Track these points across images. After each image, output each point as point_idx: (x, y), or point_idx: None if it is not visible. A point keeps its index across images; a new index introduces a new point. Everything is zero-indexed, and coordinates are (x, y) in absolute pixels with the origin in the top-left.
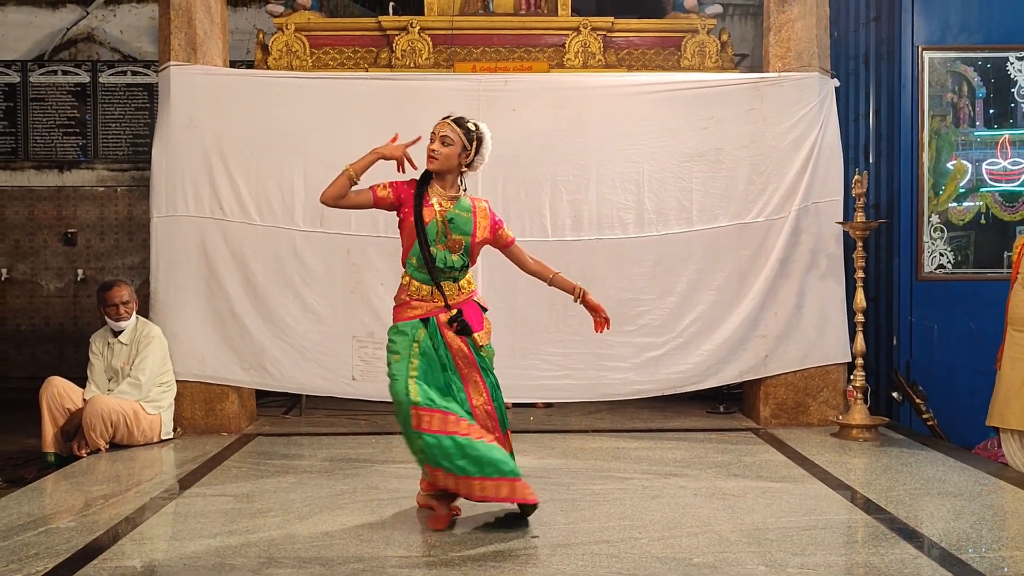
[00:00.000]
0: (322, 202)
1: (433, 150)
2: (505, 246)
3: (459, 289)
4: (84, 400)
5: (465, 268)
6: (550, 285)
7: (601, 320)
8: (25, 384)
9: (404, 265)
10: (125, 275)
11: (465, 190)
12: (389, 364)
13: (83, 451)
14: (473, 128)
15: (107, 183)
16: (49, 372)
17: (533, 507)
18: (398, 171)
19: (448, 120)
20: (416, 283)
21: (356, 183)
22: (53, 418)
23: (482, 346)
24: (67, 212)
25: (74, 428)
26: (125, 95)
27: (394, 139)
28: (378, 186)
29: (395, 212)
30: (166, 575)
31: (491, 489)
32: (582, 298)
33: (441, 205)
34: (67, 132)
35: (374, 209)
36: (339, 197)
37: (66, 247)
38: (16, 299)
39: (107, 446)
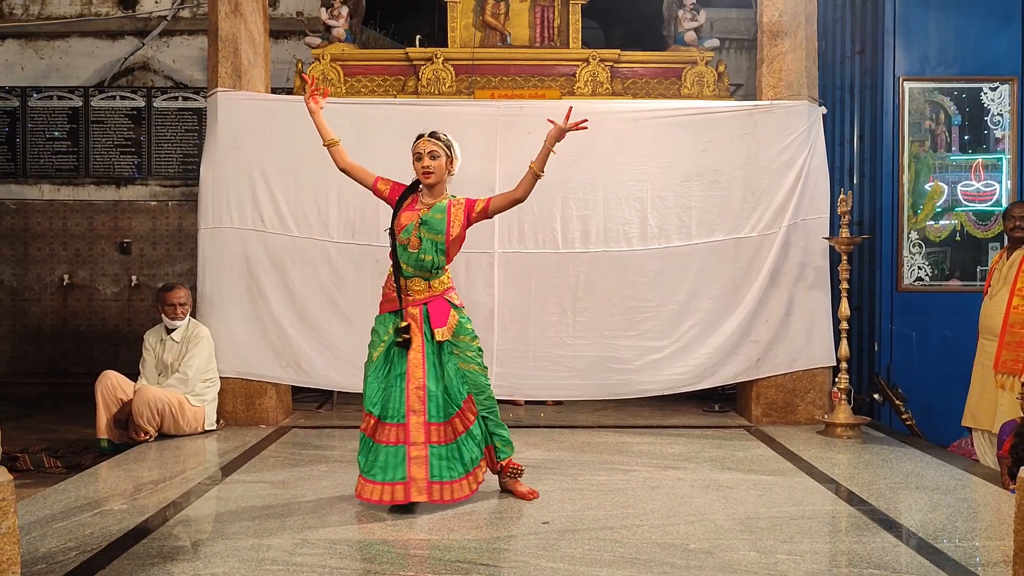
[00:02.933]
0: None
1: (426, 166)
2: (491, 212)
3: (429, 287)
4: (135, 391)
5: (438, 268)
6: (538, 175)
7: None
8: (84, 379)
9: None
10: (175, 281)
11: (453, 195)
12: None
13: (140, 436)
14: (445, 137)
15: (159, 198)
16: (105, 368)
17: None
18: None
19: (427, 137)
20: (393, 276)
21: (329, 144)
22: (107, 408)
23: (439, 341)
24: (123, 224)
25: (126, 417)
26: (176, 118)
27: None
28: (382, 179)
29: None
30: (209, 554)
31: (372, 491)
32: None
33: (421, 210)
34: (124, 151)
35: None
36: (342, 166)
37: (122, 255)
38: (76, 302)
39: (155, 432)
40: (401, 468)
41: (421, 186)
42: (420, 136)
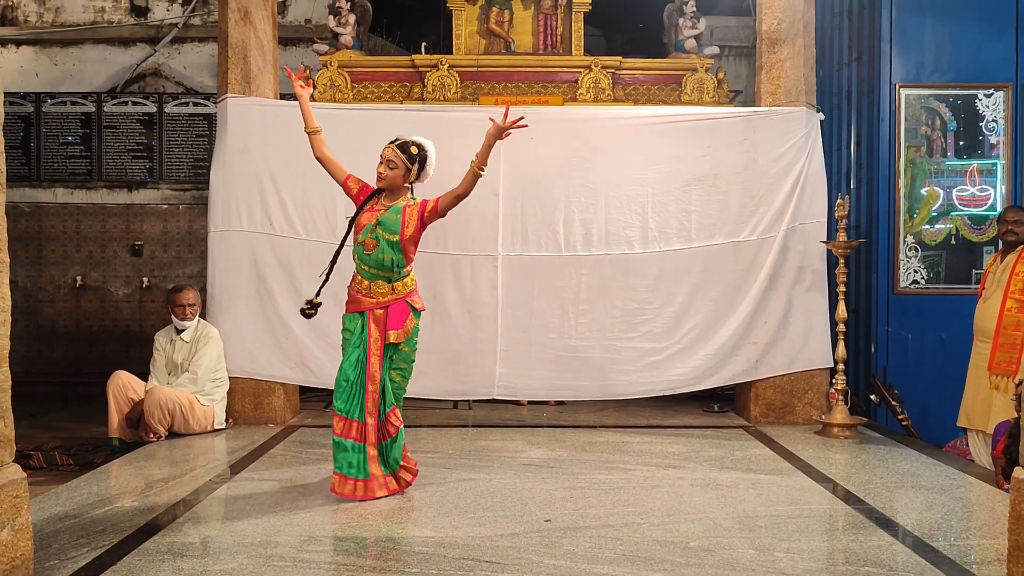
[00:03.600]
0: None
1: (380, 173)
2: (441, 210)
3: (392, 289)
4: (146, 391)
5: (397, 267)
6: (479, 172)
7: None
8: (96, 379)
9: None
10: (185, 283)
11: (413, 198)
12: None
13: (150, 436)
14: (416, 151)
15: (170, 201)
16: (116, 368)
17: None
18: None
19: (393, 145)
20: (358, 278)
21: (311, 131)
22: (119, 407)
23: (394, 343)
24: (135, 227)
25: (137, 416)
26: (187, 123)
27: None
28: (353, 177)
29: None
30: (218, 550)
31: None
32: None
33: (380, 211)
34: (136, 156)
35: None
36: (318, 155)
37: (133, 258)
38: (89, 303)
39: (166, 432)
40: (365, 466)
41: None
42: (392, 141)
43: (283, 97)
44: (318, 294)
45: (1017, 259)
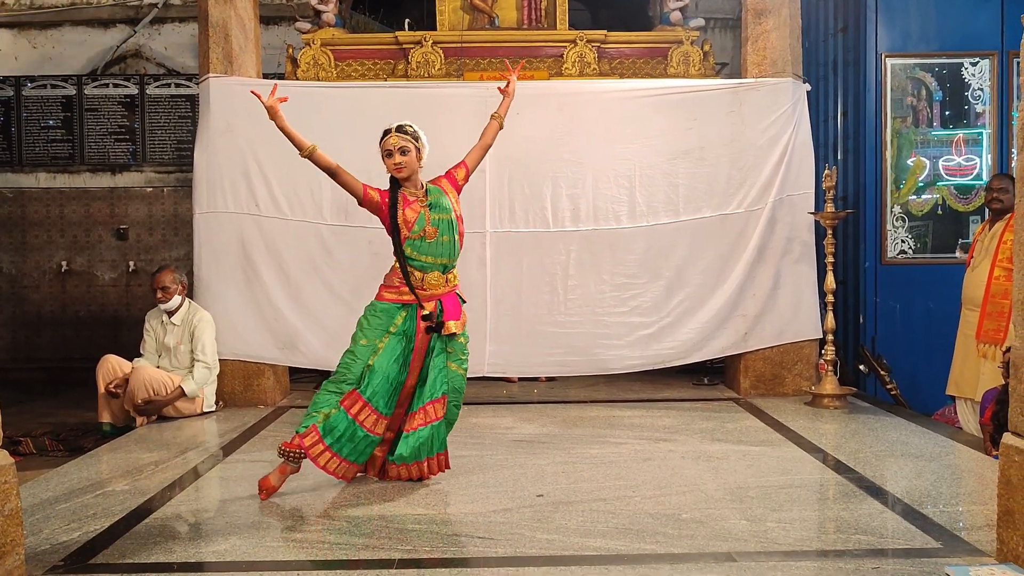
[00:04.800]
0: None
1: (398, 163)
2: (472, 168)
3: (446, 281)
4: (132, 371)
5: (454, 252)
6: (502, 124)
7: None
8: (83, 364)
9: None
10: (165, 264)
11: (424, 181)
12: (355, 340)
13: (139, 416)
14: (412, 128)
15: (154, 184)
16: (104, 353)
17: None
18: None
19: (395, 133)
20: (409, 270)
21: (308, 153)
22: (108, 391)
23: (453, 334)
24: (119, 210)
25: (119, 390)
26: (170, 105)
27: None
28: (370, 188)
29: (376, 214)
30: (210, 532)
31: (329, 463)
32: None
33: (420, 200)
34: (118, 139)
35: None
36: (325, 167)
37: (119, 241)
38: (75, 288)
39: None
40: (367, 454)
41: (401, 185)
42: (387, 132)
43: (266, 76)
44: (426, 307)
45: (1005, 227)
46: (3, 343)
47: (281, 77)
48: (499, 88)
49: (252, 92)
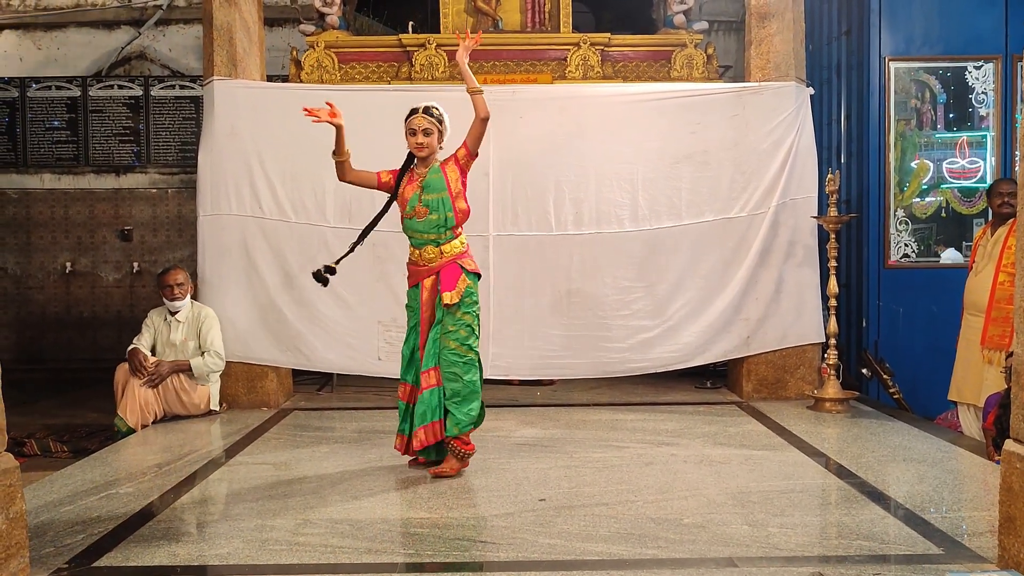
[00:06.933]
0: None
1: (420, 143)
2: (472, 148)
3: (441, 253)
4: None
5: (447, 227)
6: (480, 90)
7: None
8: (87, 365)
9: None
10: (181, 266)
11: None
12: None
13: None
14: (439, 112)
15: (159, 185)
16: (109, 354)
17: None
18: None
19: (420, 114)
20: (411, 249)
21: (344, 159)
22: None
23: (448, 304)
24: (123, 211)
25: (138, 364)
26: (174, 107)
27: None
28: (383, 172)
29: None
30: (213, 535)
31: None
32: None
33: (420, 178)
34: (123, 140)
35: (395, 206)
36: (350, 179)
37: (123, 243)
38: (79, 289)
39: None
40: (407, 422)
41: (416, 159)
42: (414, 111)
43: (269, 79)
44: (338, 261)
45: (1008, 232)
46: (7, 344)
47: (285, 79)
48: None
49: (305, 109)
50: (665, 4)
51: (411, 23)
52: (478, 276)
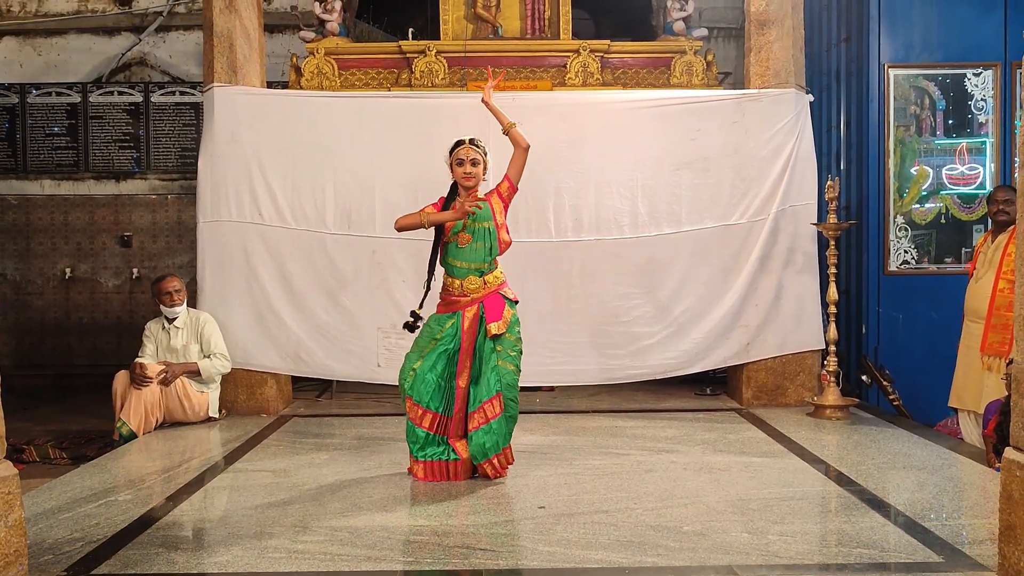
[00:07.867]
0: (396, 229)
1: (469, 173)
2: (514, 180)
3: (484, 284)
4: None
5: (489, 259)
6: (512, 128)
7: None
8: (87, 371)
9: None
10: (175, 273)
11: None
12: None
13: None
14: (482, 144)
15: (159, 192)
16: (108, 360)
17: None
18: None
19: (469, 145)
20: (449, 279)
21: (425, 227)
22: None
23: (495, 335)
24: (123, 217)
25: (141, 375)
26: (174, 113)
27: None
28: (427, 207)
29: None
30: (212, 542)
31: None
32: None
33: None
34: (123, 146)
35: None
36: (408, 229)
37: (122, 249)
38: (79, 295)
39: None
40: (438, 454)
41: (460, 190)
42: (460, 143)
43: (270, 85)
44: (421, 306)
45: (1008, 239)
46: (7, 349)
47: (285, 85)
48: (483, 100)
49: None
50: (665, 11)
51: (411, 30)
52: (516, 303)
